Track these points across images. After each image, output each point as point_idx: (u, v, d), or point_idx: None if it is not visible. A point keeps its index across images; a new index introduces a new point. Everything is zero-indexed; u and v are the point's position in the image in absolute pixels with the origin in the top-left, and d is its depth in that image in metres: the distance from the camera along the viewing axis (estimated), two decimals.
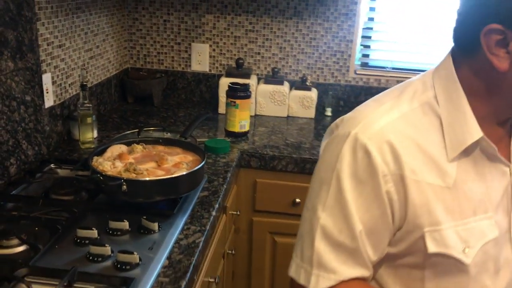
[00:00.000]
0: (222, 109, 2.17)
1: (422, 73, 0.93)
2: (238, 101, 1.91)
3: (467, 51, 0.84)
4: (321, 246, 0.84)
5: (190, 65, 2.43)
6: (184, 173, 1.31)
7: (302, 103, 2.26)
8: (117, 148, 1.44)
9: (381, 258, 0.88)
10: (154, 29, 2.41)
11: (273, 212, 1.89)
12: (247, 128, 1.97)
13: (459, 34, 0.86)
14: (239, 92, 1.92)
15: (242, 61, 2.25)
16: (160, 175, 1.31)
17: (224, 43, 2.39)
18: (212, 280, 1.38)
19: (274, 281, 1.97)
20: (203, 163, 1.37)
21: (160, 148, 1.51)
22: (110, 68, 2.25)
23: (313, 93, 2.26)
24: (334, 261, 0.84)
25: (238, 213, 1.82)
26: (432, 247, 0.83)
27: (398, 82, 2.33)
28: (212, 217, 1.32)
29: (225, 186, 1.52)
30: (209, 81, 2.43)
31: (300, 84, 2.28)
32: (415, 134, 0.84)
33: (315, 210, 0.87)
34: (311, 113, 2.27)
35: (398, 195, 0.82)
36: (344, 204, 0.83)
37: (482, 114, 0.84)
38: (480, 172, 0.86)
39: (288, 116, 2.27)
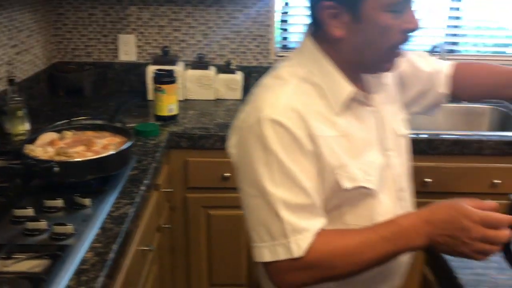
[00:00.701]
0: (151, 95, 2.28)
1: (286, 58, 1.10)
2: (164, 87, 2.03)
3: (315, 26, 1.03)
4: (286, 215, 0.95)
5: (117, 56, 2.52)
6: (112, 152, 1.42)
7: (228, 86, 2.40)
8: (48, 136, 1.53)
9: None
10: (80, 23, 2.47)
11: (205, 188, 2.03)
12: (175, 112, 2.09)
13: (308, 13, 1.04)
14: (164, 78, 2.03)
15: (168, 49, 2.36)
16: (90, 156, 1.42)
17: (150, 33, 2.48)
18: (147, 248, 1.50)
19: (211, 253, 2.12)
20: (129, 142, 1.49)
21: (90, 133, 1.61)
22: (38, 63, 2.30)
23: (238, 76, 2.41)
24: (302, 221, 0.95)
25: (172, 190, 1.95)
26: (347, 184, 1.01)
27: None
28: (141, 191, 1.45)
29: (154, 165, 1.64)
30: (138, 70, 2.51)
31: (226, 68, 2.42)
32: (308, 101, 1.01)
33: (264, 191, 0.96)
34: (237, 95, 2.42)
35: (315, 151, 0.98)
36: (289, 172, 0.96)
37: (347, 74, 1.03)
38: (359, 117, 1.06)
39: (216, 99, 2.41)
